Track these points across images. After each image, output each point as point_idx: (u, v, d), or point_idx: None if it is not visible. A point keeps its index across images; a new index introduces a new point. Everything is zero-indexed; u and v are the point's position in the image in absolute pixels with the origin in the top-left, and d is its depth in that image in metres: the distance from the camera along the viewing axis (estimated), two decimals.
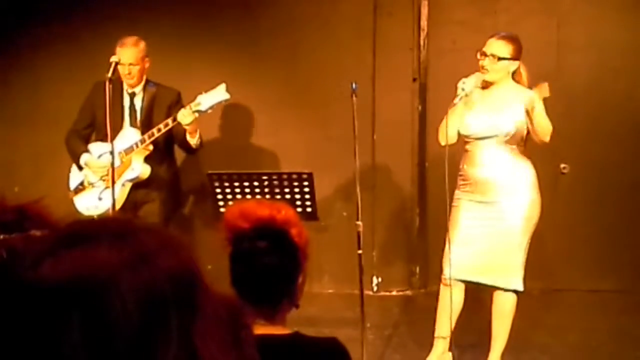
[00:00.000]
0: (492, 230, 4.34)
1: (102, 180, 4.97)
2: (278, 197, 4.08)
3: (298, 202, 4.12)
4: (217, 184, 4.18)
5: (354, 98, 4.37)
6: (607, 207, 6.27)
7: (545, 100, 6.20)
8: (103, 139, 4.87)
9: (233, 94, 4.84)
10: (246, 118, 6.32)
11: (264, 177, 4.15)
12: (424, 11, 6.22)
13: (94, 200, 4.99)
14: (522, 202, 4.41)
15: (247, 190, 4.15)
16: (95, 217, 4.75)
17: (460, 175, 4.52)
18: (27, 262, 0.86)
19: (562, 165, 6.23)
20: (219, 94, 4.70)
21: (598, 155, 6.25)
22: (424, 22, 6.24)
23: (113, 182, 4.64)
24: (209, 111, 4.77)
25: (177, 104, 5.01)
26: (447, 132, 4.33)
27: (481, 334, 4.73)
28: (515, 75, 4.47)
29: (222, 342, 0.91)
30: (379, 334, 5.15)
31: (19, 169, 6.36)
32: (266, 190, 4.13)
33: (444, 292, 4.53)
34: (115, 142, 4.73)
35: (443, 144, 4.40)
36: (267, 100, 6.31)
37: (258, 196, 4.09)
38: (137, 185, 4.96)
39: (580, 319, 5.57)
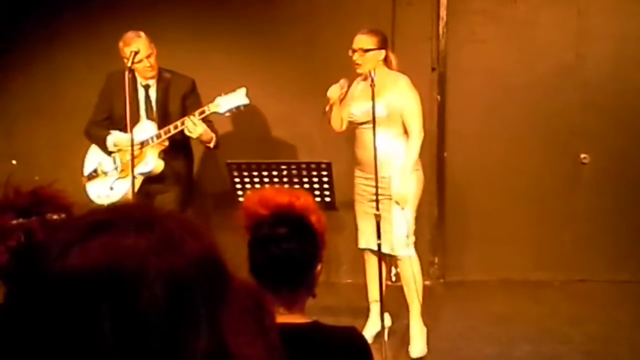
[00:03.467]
0: (384, 203, 4.64)
1: (115, 169, 4.98)
2: (297, 186, 4.08)
3: (317, 192, 4.12)
4: (236, 173, 4.18)
5: (373, 87, 4.37)
6: (628, 198, 6.22)
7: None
8: (122, 129, 4.88)
9: (250, 84, 4.83)
10: (265, 108, 6.31)
11: (283, 167, 4.15)
12: (443, 1, 6.18)
13: (106, 189, 4.99)
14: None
15: (266, 179, 4.15)
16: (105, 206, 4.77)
17: (354, 156, 4.94)
18: (53, 251, 0.85)
19: (583, 155, 6.20)
20: (238, 98, 4.65)
21: (618, 145, 6.20)
22: (443, 12, 6.20)
23: (133, 173, 4.65)
24: (227, 114, 4.74)
25: (192, 92, 4.98)
26: (333, 124, 4.98)
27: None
28: (386, 63, 4.83)
29: (249, 330, 0.91)
30: (397, 323, 5.15)
31: (38, 159, 6.39)
32: (285, 179, 4.13)
33: (366, 258, 5.03)
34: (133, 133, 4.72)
35: (336, 130, 5.00)
36: (286, 89, 6.30)
37: (277, 186, 4.09)
38: (152, 178, 4.95)
39: (600, 309, 5.54)
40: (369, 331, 4.87)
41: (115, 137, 4.94)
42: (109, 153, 5.01)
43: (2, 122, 6.53)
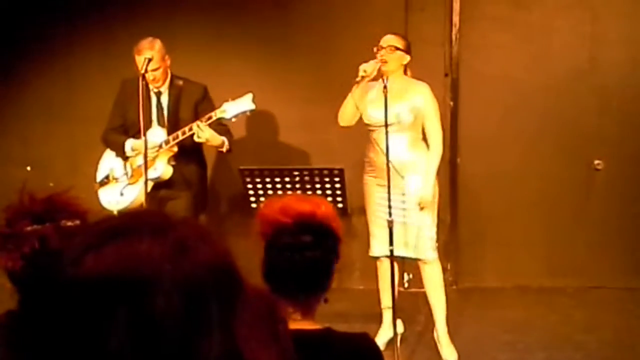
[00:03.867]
0: (402, 210, 4.69)
1: (126, 175, 5.01)
2: (309, 192, 4.08)
3: (329, 198, 4.11)
4: (248, 179, 4.19)
5: (385, 93, 4.37)
6: None
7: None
8: (135, 136, 4.92)
9: (264, 90, 4.86)
10: (277, 114, 6.33)
11: (295, 173, 4.16)
12: (456, 6, 6.18)
13: (116, 195, 5.02)
14: (418, 183, 4.75)
15: (279, 185, 4.15)
16: (115, 212, 4.79)
17: (367, 162, 4.88)
18: (69, 257, 0.85)
19: (596, 162, 6.18)
20: (244, 104, 4.69)
21: (632, 151, 6.17)
22: (455, 18, 6.20)
23: (146, 179, 4.67)
24: (233, 120, 4.77)
25: (204, 99, 5.00)
26: (343, 111, 4.83)
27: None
28: (405, 71, 4.85)
29: (261, 337, 0.91)
30: (410, 330, 5.15)
31: (54, 164, 6.43)
32: (297, 185, 4.13)
33: (379, 266, 4.95)
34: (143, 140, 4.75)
35: (342, 124, 4.89)
36: (299, 95, 6.32)
37: (289, 192, 4.09)
38: (161, 184, 4.97)
39: (614, 316, 5.52)
40: (382, 338, 4.87)
41: (132, 142, 4.97)
42: (126, 158, 5.04)
43: (18, 128, 6.58)
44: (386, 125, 4.42)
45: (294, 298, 2.13)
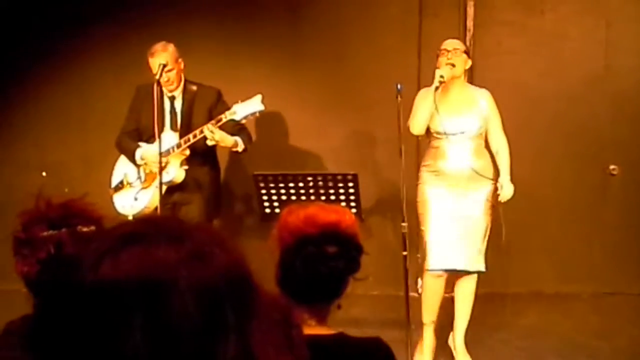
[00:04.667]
0: (463, 219, 4.64)
1: (139, 180, 5.04)
2: (323, 198, 4.08)
3: (343, 204, 4.11)
4: (262, 184, 4.20)
5: (399, 99, 4.37)
6: None
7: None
8: (148, 140, 4.95)
9: (277, 96, 4.87)
10: (291, 119, 6.34)
11: (309, 178, 4.16)
12: (470, 12, 6.18)
13: (130, 200, 5.06)
14: (485, 192, 4.72)
15: (292, 191, 4.16)
16: (129, 217, 4.81)
17: (430, 170, 4.74)
18: (86, 262, 0.86)
19: (612, 167, 6.15)
20: (254, 105, 4.71)
21: None
22: (469, 23, 6.19)
23: (161, 183, 4.70)
24: (243, 121, 4.79)
25: (218, 103, 5.02)
26: (419, 118, 4.61)
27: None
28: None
29: (276, 342, 0.91)
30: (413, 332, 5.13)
31: (68, 171, 6.46)
32: (311, 191, 4.14)
33: (431, 281, 4.77)
34: (156, 144, 4.79)
35: (415, 132, 4.69)
36: (312, 101, 6.32)
37: (303, 197, 4.10)
38: (174, 187, 4.99)
39: (629, 323, 5.48)
40: (424, 355, 4.80)
41: (142, 150, 5.00)
42: (138, 165, 5.08)
43: (33, 134, 6.62)
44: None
45: (310, 305, 2.13)
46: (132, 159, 5.08)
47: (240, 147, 4.93)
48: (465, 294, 4.81)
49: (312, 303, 2.13)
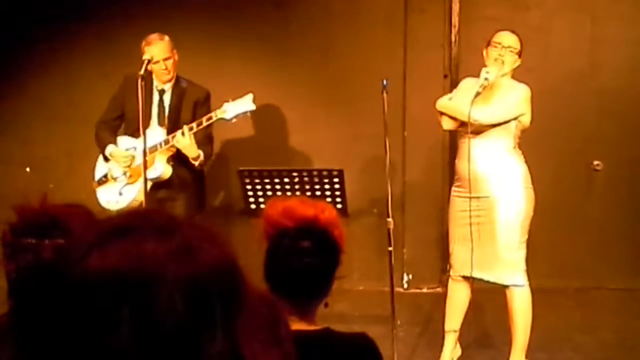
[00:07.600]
0: (486, 226, 4.32)
1: (124, 175, 5.01)
2: (308, 194, 4.08)
3: (328, 199, 4.11)
4: (247, 180, 4.19)
5: (385, 95, 4.36)
6: None
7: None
8: (133, 134, 4.91)
9: (264, 91, 4.86)
10: (277, 115, 6.33)
11: (295, 174, 4.15)
12: (455, 7, 6.19)
13: (115, 194, 5.03)
14: (514, 198, 4.36)
15: (278, 187, 4.15)
16: (114, 211, 4.79)
17: (456, 175, 4.53)
18: (74, 254, 0.86)
19: (596, 162, 6.18)
20: (245, 104, 4.69)
21: (632, 153, 6.18)
22: (455, 19, 6.20)
23: (145, 179, 4.67)
24: (234, 120, 4.77)
25: (205, 102, 5.00)
26: (448, 120, 4.40)
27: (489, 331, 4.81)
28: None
29: (264, 338, 0.91)
30: (409, 331, 5.14)
31: (53, 166, 6.43)
32: (296, 187, 4.13)
33: (453, 286, 4.57)
34: (129, 143, 4.74)
35: (447, 128, 4.49)
36: (298, 97, 6.32)
37: (288, 193, 4.09)
38: (160, 184, 4.96)
39: (614, 317, 5.51)
40: None
41: (112, 149, 4.98)
42: (107, 159, 5.06)
43: (18, 129, 6.58)
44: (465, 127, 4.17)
45: (292, 300, 2.12)
46: (102, 152, 5.07)
47: (199, 163, 4.87)
48: (511, 310, 4.47)
49: (293, 298, 2.12)
